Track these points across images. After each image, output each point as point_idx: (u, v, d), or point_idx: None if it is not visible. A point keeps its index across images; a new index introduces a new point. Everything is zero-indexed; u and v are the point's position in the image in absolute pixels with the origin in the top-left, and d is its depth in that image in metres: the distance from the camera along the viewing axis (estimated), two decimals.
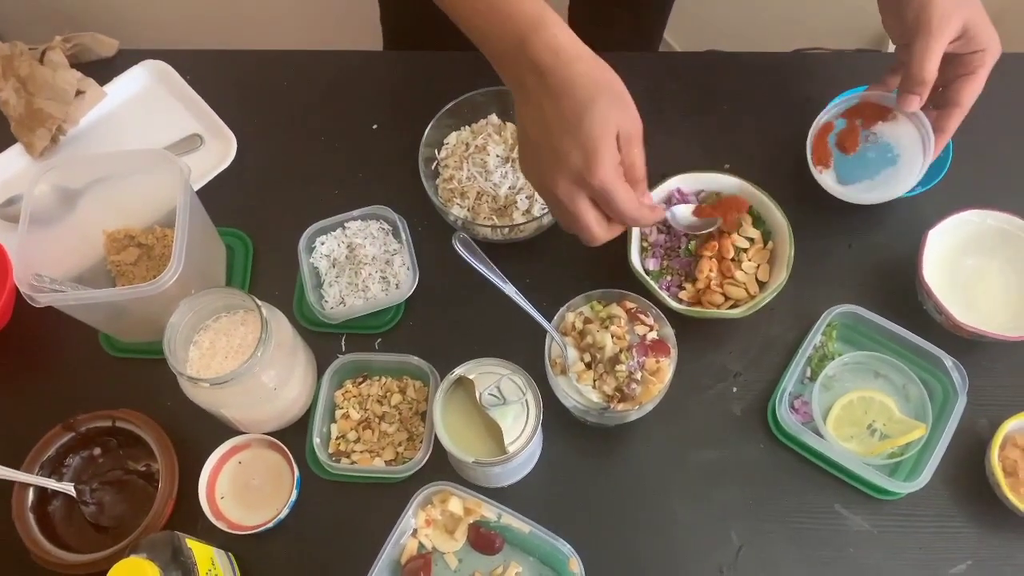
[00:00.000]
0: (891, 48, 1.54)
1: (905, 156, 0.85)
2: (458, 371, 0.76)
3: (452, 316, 0.90)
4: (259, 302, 0.75)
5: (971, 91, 0.77)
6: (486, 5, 0.68)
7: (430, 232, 0.93)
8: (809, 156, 0.89)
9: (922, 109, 0.80)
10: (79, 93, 0.97)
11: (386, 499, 0.81)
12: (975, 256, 0.88)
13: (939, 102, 0.80)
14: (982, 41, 0.74)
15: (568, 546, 0.75)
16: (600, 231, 0.70)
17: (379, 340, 0.89)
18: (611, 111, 0.66)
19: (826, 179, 0.88)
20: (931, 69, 0.73)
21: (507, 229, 0.88)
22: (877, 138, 0.87)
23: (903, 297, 0.88)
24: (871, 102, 0.86)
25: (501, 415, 0.75)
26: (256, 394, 0.77)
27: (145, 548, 0.67)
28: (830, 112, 0.89)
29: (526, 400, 0.76)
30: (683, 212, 0.85)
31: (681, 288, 0.87)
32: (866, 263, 0.91)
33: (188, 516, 0.81)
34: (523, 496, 0.82)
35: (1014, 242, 0.87)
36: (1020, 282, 0.87)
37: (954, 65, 0.76)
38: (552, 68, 0.65)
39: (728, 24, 1.51)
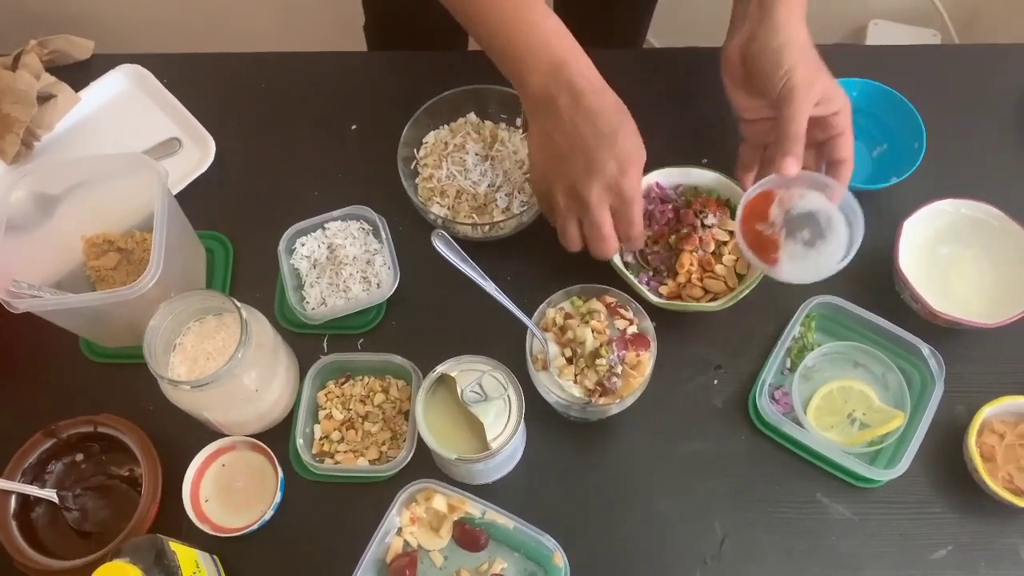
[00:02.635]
0: (869, 40, 1.55)
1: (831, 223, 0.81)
2: (440, 369, 0.77)
3: (434, 315, 0.90)
4: (238, 304, 0.75)
5: (849, 146, 0.82)
6: (528, 26, 0.78)
7: (411, 231, 0.93)
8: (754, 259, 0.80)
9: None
10: (51, 98, 0.96)
11: (371, 498, 0.81)
12: (950, 245, 0.90)
13: (828, 166, 0.83)
14: (837, 103, 0.81)
15: (552, 540, 0.75)
16: (613, 239, 0.79)
17: (361, 340, 0.89)
18: (636, 137, 0.78)
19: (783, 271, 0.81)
20: (803, 128, 0.79)
21: (487, 227, 0.89)
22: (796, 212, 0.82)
23: (880, 287, 0.89)
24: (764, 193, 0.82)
25: (483, 411, 0.75)
26: (237, 396, 0.77)
27: (128, 552, 0.67)
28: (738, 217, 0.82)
29: (508, 396, 0.76)
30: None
31: (662, 283, 0.88)
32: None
33: (172, 520, 0.81)
34: (508, 492, 0.83)
35: (988, 231, 0.88)
36: (995, 270, 0.88)
37: (823, 128, 0.81)
38: (587, 92, 0.76)
39: (708, 22, 1.52)
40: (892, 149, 0.95)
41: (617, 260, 0.86)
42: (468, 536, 0.79)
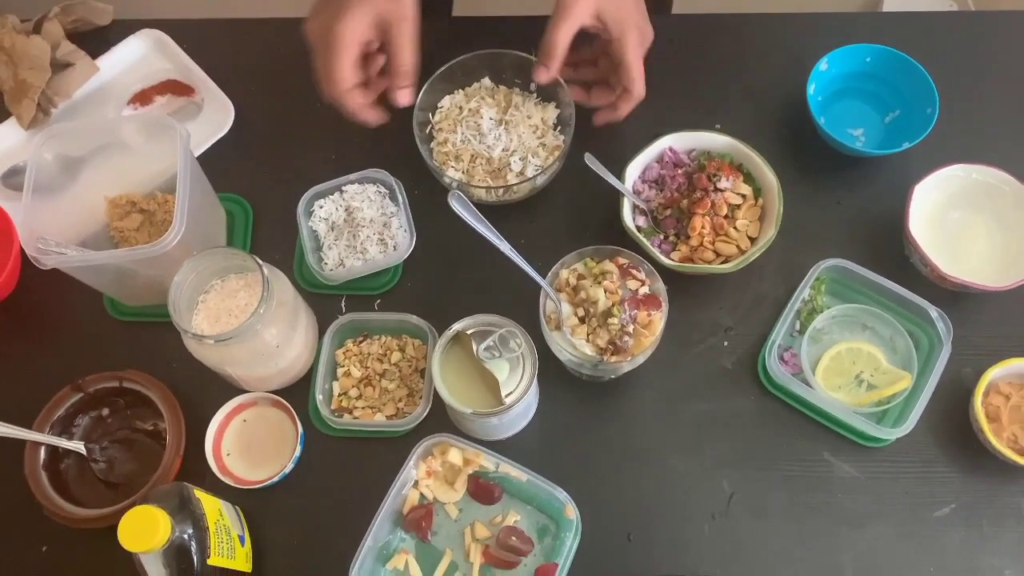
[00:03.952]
0: (886, 7, 1.53)
1: None
2: (456, 327, 0.78)
3: (449, 276, 0.92)
4: (260, 261, 0.77)
5: (627, 75, 0.86)
6: None
7: (426, 195, 0.94)
8: None
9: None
10: (69, 66, 0.98)
11: (388, 453, 0.83)
12: (961, 210, 0.90)
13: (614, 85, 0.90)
14: (613, 31, 0.84)
15: (564, 493, 0.77)
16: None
17: (378, 301, 0.91)
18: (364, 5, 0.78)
19: None
20: (558, 44, 0.83)
21: (501, 191, 0.90)
22: None
23: (890, 251, 0.90)
24: None
25: (498, 368, 0.77)
26: (259, 351, 0.79)
27: (155, 499, 0.70)
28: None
29: (521, 353, 0.78)
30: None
31: (674, 248, 0.89)
32: (854, 218, 0.93)
33: (195, 473, 0.84)
34: (521, 449, 0.85)
35: (999, 196, 0.89)
36: (1004, 235, 0.89)
37: (607, 52, 0.87)
38: None
39: None
40: (905, 115, 0.95)
41: (630, 223, 0.88)
42: (482, 489, 0.81)
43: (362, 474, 0.84)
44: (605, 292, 0.80)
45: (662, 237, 0.89)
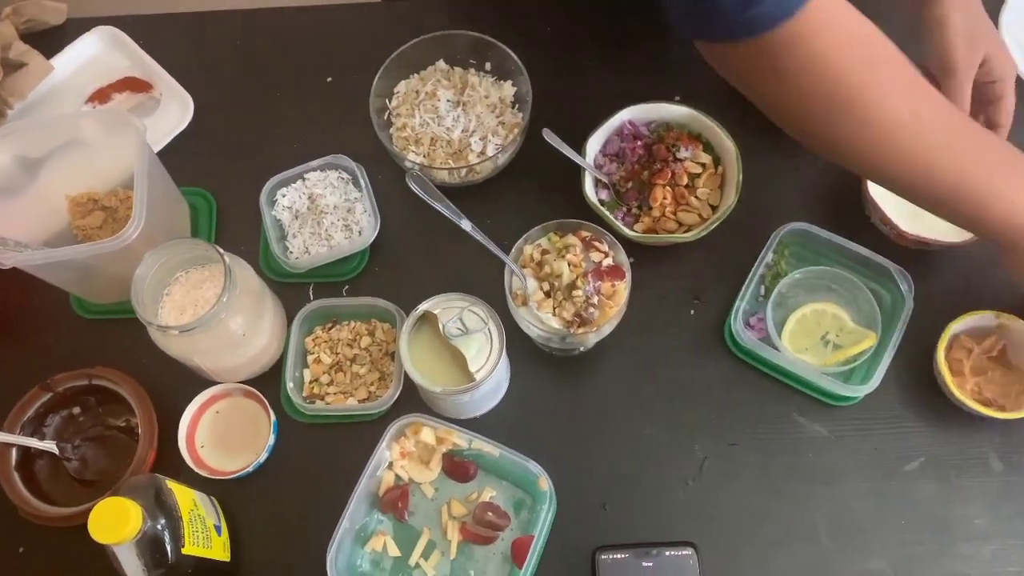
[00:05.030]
0: None
1: None
2: (422, 307, 0.79)
3: (416, 259, 0.92)
4: (221, 251, 0.76)
5: (1006, 114, 0.83)
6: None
7: (390, 179, 0.94)
8: None
9: None
10: (22, 66, 0.97)
11: (362, 436, 0.83)
12: None
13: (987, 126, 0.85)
14: (996, 72, 0.81)
15: (537, 466, 0.78)
16: None
17: (346, 287, 0.91)
18: None
19: None
20: (962, 103, 0.81)
21: (464, 171, 0.90)
22: None
23: (851, 212, 0.91)
24: None
25: (465, 345, 0.77)
26: (226, 341, 0.79)
27: (127, 491, 0.70)
28: None
29: (489, 329, 0.78)
30: None
31: (637, 220, 0.89)
32: (815, 181, 0.94)
33: (170, 466, 0.84)
34: (495, 425, 0.85)
35: None
36: None
37: (981, 93, 0.83)
38: None
39: None
40: None
41: (592, 197, 0.88)
42: (457, 467, 0.82)
43: (337, 459, 0.84)
44: (569, 265, 0.80)
45: (625, 209, 0.90)
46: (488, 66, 0.96)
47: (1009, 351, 0.84)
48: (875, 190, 0.87)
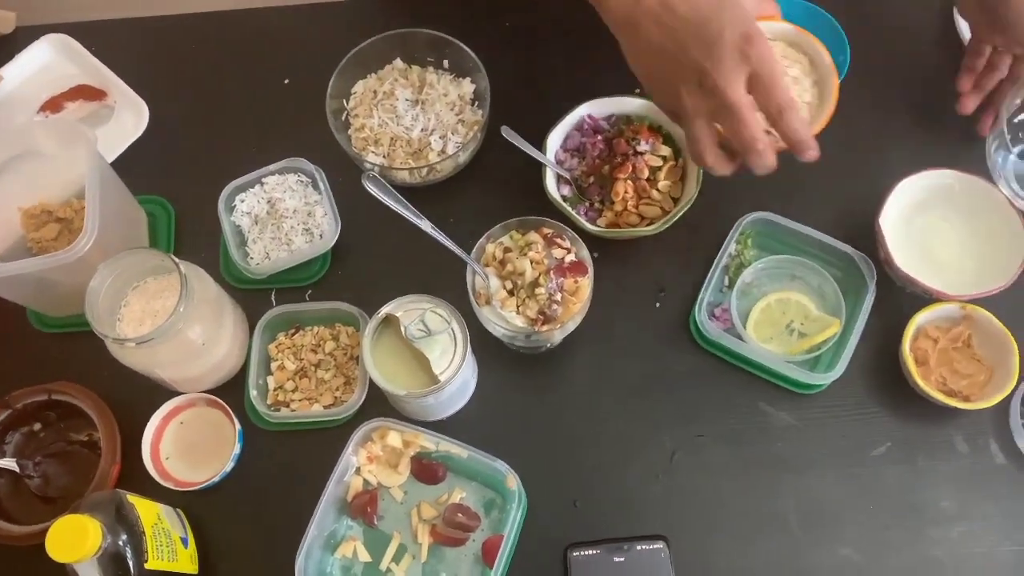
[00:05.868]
0: None
1: None
2: (384, 309, 0.78)
3: (379, 261, 0.91)
4: (176, 260, 0.75)
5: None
6: None
7: (350, 180, 0.93)
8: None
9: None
10: None
11: (329, 442, 0.82)
12: None
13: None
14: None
15: (505, 465, 0.77)
16: (758, 125, 0.70)
17: (309, 291, 0.90)
18: (741, 5, 0.70)
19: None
20: None
21: (424, 170, 0.89)
22: None
23: (812, 199, 0.91)
24: None
25: (428, 347, 0.77)
26: (185, 351, 0.78)
27: (87, 508, 0.69)
28: None
29: (452, 329, 0.77)
30: None
31: (600, 214, 0.89)
32: (778, 169, 0.93)
33: (135, 479, 0.82)
34: (463, 426, 0.85)
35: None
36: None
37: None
38: None
39: None
40: None
41: (554, 193, 0.88)
42: (426, 470, 0.81)
43: (305, 466, 0.83)
44: (531, 263, 0.80)
45: (587, 204, 0.90)
46: (446, 63, 0.95)
47: (975, 341, 0.85)
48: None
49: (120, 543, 0.68)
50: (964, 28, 0.98)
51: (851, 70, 0.92)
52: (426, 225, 0.78)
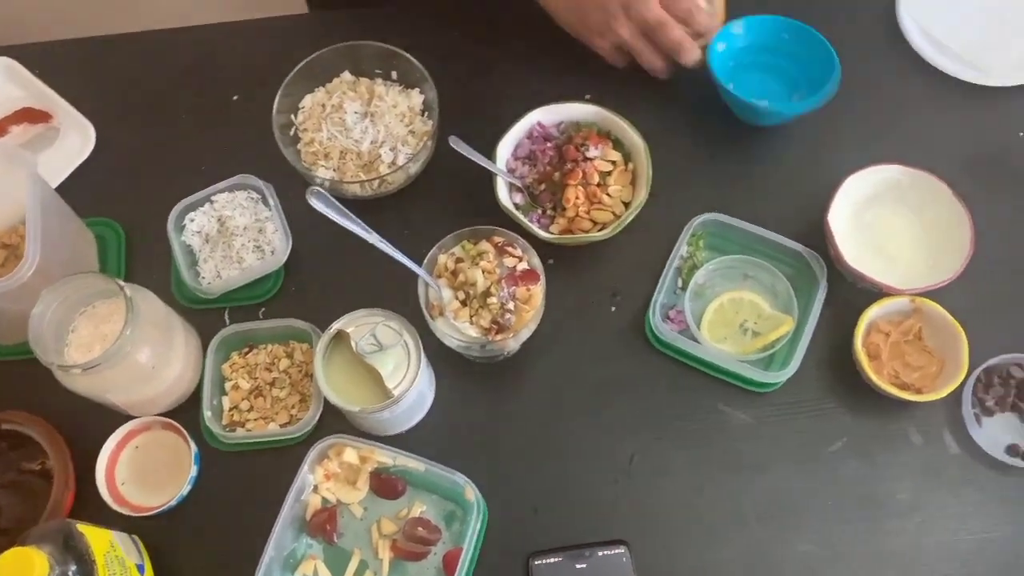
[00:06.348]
0: None
1: None
2: (335, 326, 0.77)
3: (332, 275, 0.91)
4: (121, 283, 0.74)
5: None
6: None
7: (301, 195, 0.91)
8: None
9: None
10: None
11: (286, 461, 0.81)
12: None
13: None
14: None
15: (463, 476, 0.77)
16: (675, 26, 0.91)
17: (262, 309, 0.90)
18: None
19: None
20: None
21: (376, 183, 0.89)
22: None
23: (761, 199, 0.92)
24: None
25: (381, 362, 0.76)
26: (135, 375, 0.77)
27: (35, 539, 0.67)
28: None
29: (405, 342, 0.77)
30: None
31: (553, 221, 0.89)
32: (724, 172, 0.94)
33: (91, 506, 0.81)
34: (423, 438, 0.84)
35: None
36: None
37: None
38: None
39: None
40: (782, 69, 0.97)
41: (506, 201, 0.87)
42: (385, 484, 0.81)
43: (263, 485, 0.82)
44: (483, 272, 0.80)
45: (540, 211, 0.90)
46: (395, 75, 0.95)
47: (925, 334, 0.85)
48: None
49: (70, 574, 0.67)
50: (909, 26, 1.00)
51: None
52: (374, 239, 0.78)
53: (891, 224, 0.89)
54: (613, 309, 0.89)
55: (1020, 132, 0.95)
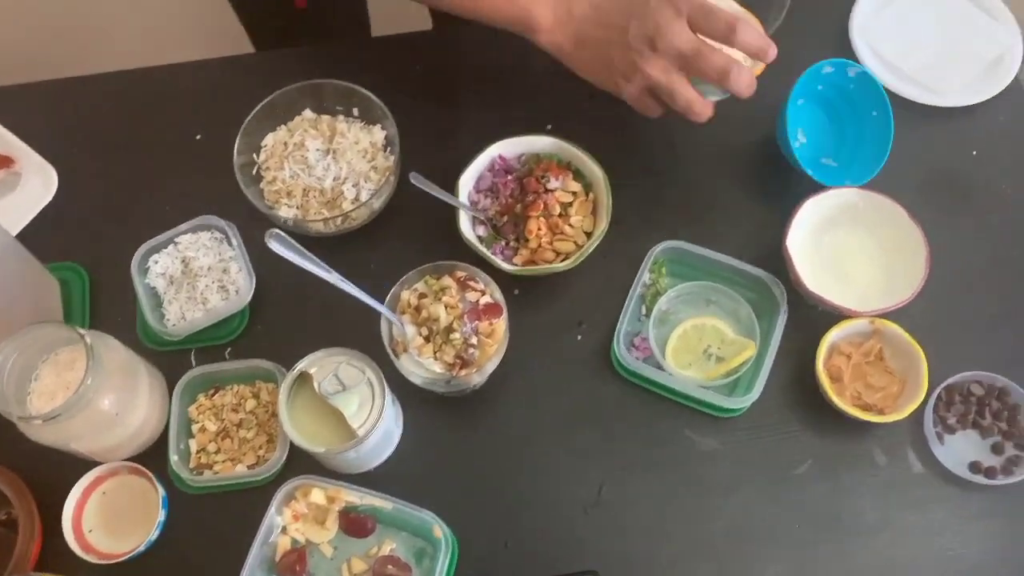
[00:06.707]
0: None
1: None
2: (298, 367, 0.78)
3: (298, 313, 0.91)
4: (82, 331, 0.74)
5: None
6: None
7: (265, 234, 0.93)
8: None
9: None
10: None
11: (255, 502, 0.81)
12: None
13: None
14: None
15: (431, 514, 0.77)
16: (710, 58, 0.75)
17: (229, 349, 0.90)
18: None
19: None
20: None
21: (340, 220, 0.89)
22: None
23: (721, 225, 0.93)
24: None
25: (344, 402, 0.76)
26: (98, 423, 0.76)
27: None
28: None
29: (369, 380, 0.77)
30: None
31: (516, 252, 0.90)
32: (684, 199, 0.95)
33: (59, 555, 0.80)
34: (391, 475, 0.84)
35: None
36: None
37: None
38: None
39: None
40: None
41: (469, 235, 0.88)
42: (354, 524, 0.81)
43: (232, 528, 0.82)
44: (445, 307, 0.80)
45: (503, 243, 0.90)
46: (356, 111, 0.95)
47: (886, 354, 0.87)
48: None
49: None
50: (861, 48, 1.01)
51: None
52: (335, 278, 0.78)
53: (849, 247, 0.90)
54: (579, 338, 0.90)
55: (973, 151, 0.97)
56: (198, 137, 1.00)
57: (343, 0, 1.07)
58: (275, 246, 0.76)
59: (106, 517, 0.83)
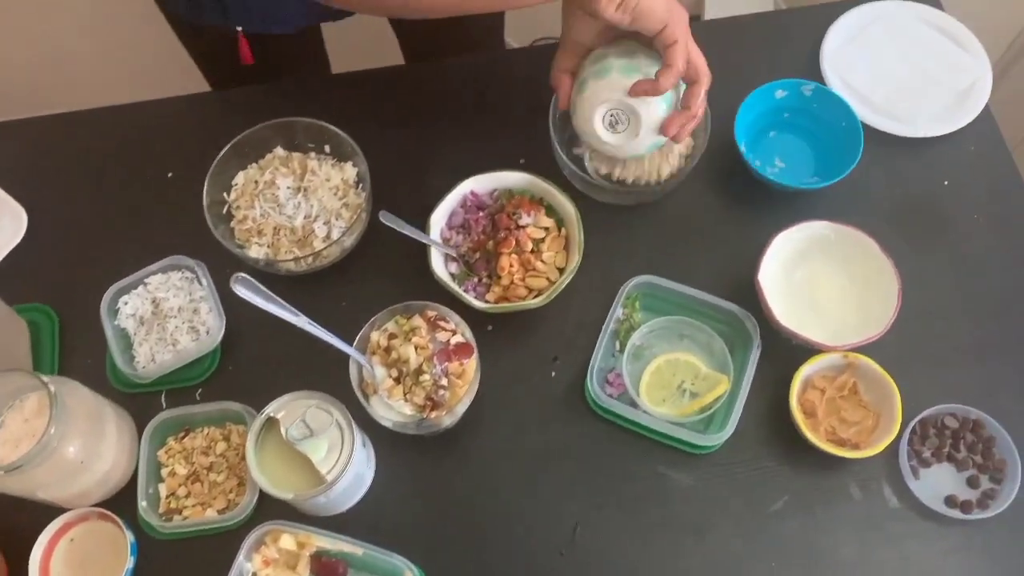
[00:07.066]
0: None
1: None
2: (266, 411, 0.77)
3: (269, 352, 0.90)
4: (45, 378, 0.73)
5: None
6: None
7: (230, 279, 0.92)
8: None
9: None
10: None
11: (226, 547, 0.79)
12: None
13: None
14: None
15: (401, 559, 0.76)
16: None
17: (199, 391, 0.89)
18: None
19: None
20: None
21: (311, 258, 0.89)
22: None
23: (693, 259, 0.93)
24: None
25: (313, 448, 0.75)
26: (64, 471, 0.75)
27: None
28: None
29: (337, 422, 0.77)
30: None
31: (488, 289, 0.89)
32: (656, 234, 0.95)
33: None
34: (364, 517, 0.84)
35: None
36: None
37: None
38: None
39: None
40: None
41: (440, 272, 0.88)
42: (326, 568, 0.79)
43: (203, 574, 0.81)
44: (415, 348, 0.80)
45: (476, 280, 0.90)
46: (327, 148, 0.95)
47: (860, 388, 0.86)
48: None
49: None
50: (832, 79, 1.02)
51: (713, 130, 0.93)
52: (303, 322, 0.78)
53: (821, 280, 0.90)
54: (553, 374, 0.89)
55: (945, 181, 0.98)
56: (169, 175, 1.00)
57: (294, 47, 1.06)
58: (241, 291, 0.75)
59: (74, 564, 0.81)
